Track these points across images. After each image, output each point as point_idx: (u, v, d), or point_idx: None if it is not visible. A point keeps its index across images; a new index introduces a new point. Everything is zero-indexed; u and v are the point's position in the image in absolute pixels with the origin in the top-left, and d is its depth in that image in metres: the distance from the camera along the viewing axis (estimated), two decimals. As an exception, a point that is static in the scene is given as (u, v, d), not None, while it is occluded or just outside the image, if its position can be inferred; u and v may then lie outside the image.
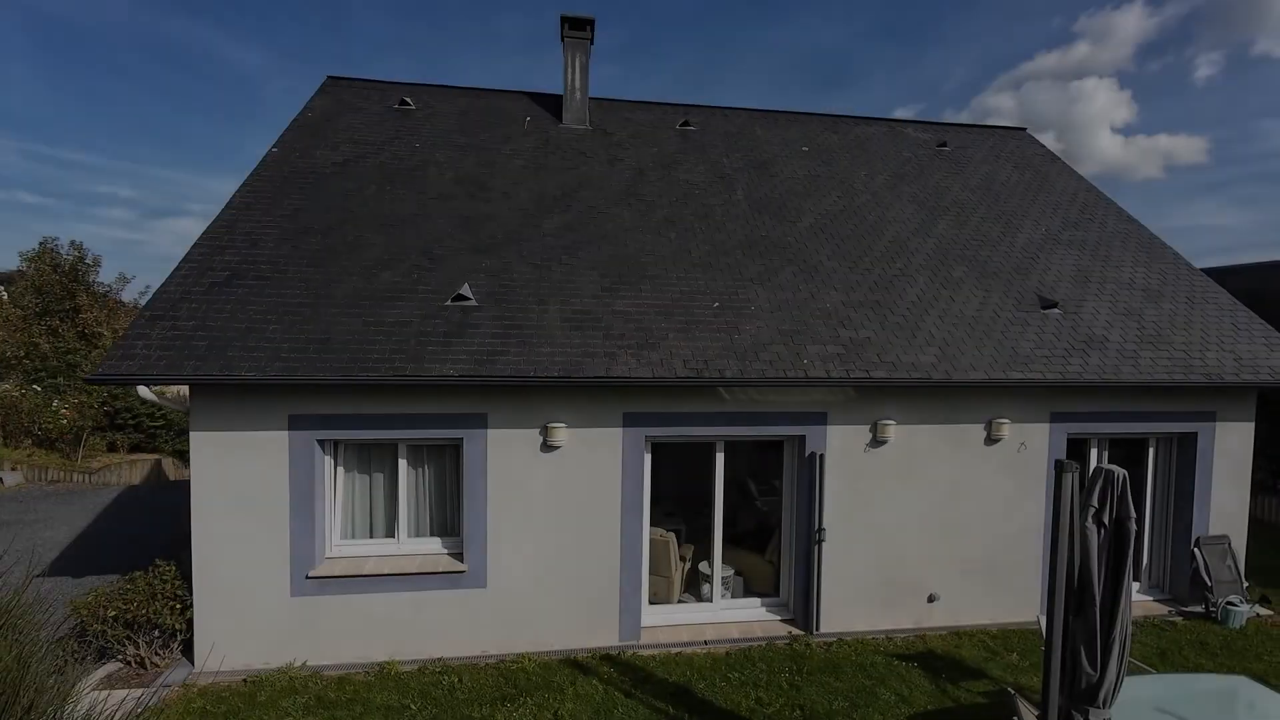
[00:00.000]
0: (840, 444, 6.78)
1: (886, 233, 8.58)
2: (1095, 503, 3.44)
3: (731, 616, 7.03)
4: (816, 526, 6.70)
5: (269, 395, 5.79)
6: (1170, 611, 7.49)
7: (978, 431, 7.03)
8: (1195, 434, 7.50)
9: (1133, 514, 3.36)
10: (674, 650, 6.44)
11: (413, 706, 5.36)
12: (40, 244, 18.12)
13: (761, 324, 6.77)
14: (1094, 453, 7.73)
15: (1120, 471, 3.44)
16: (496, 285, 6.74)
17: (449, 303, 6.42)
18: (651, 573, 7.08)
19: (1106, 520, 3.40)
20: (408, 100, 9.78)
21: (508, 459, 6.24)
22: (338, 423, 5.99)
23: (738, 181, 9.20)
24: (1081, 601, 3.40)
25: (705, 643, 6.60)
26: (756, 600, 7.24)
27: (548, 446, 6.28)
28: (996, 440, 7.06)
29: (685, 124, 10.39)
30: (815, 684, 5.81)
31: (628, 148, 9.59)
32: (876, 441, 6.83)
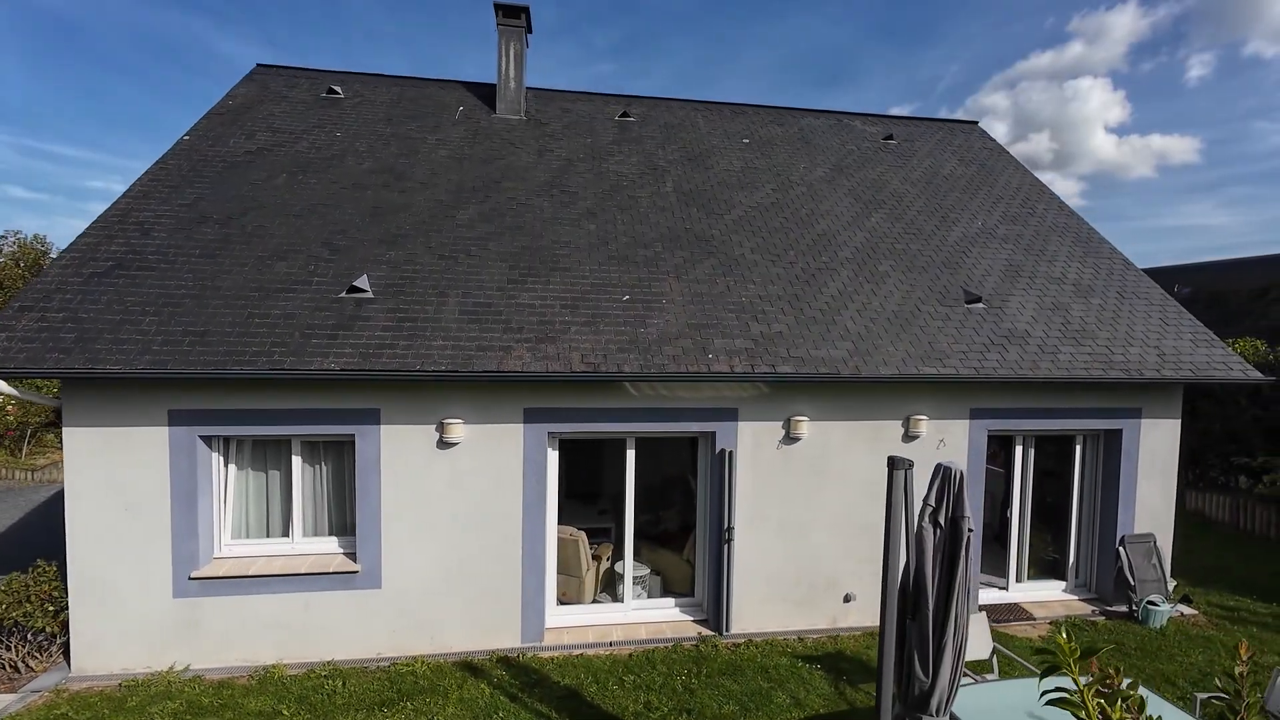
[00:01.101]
0: (752, 441, 6.62)
1: (817, 226, 8.42)
2: (933, 501, 3.28)
3: (643, 617, 6.87)
4: (726, 525, 6.54)
5: (146, 390, 5.58)
6: (1094, 611, 7.38)
7: (895, 428, 6.88)
8: (1120, 431, 7.38)
9: (967, 513, 3.20)
10: (576, 652, 6.28)
11: (286, 712, 5.17)
12: (0, 236, 17.98)
13: (671, 317, 6.60)
14: (1019, 450, 7.61)
15: (957, 468, 3.29)
16: (397, 277, 6.54)
17: (343, 295, 6.21)
18: (561, 572, 6.91)
19: (942, 520, 3.24)
20: (336, 89, 9.54)
21: (403, 456, 6.05)
22: (223, 419, 5.78)
23: (670, 173, 9.01)
24: (917, 604, 3.25)
25: (610, 644, 6.44)
26: (671, 601, 7.08)
27: (444, 443, 6.09)
28: (915, 437, 6.92)
29: (624, 115, 10.19)
30: (711, 687, 5.66)
31: (560, 138, 9.39)
32: (790, 438, 6.68)
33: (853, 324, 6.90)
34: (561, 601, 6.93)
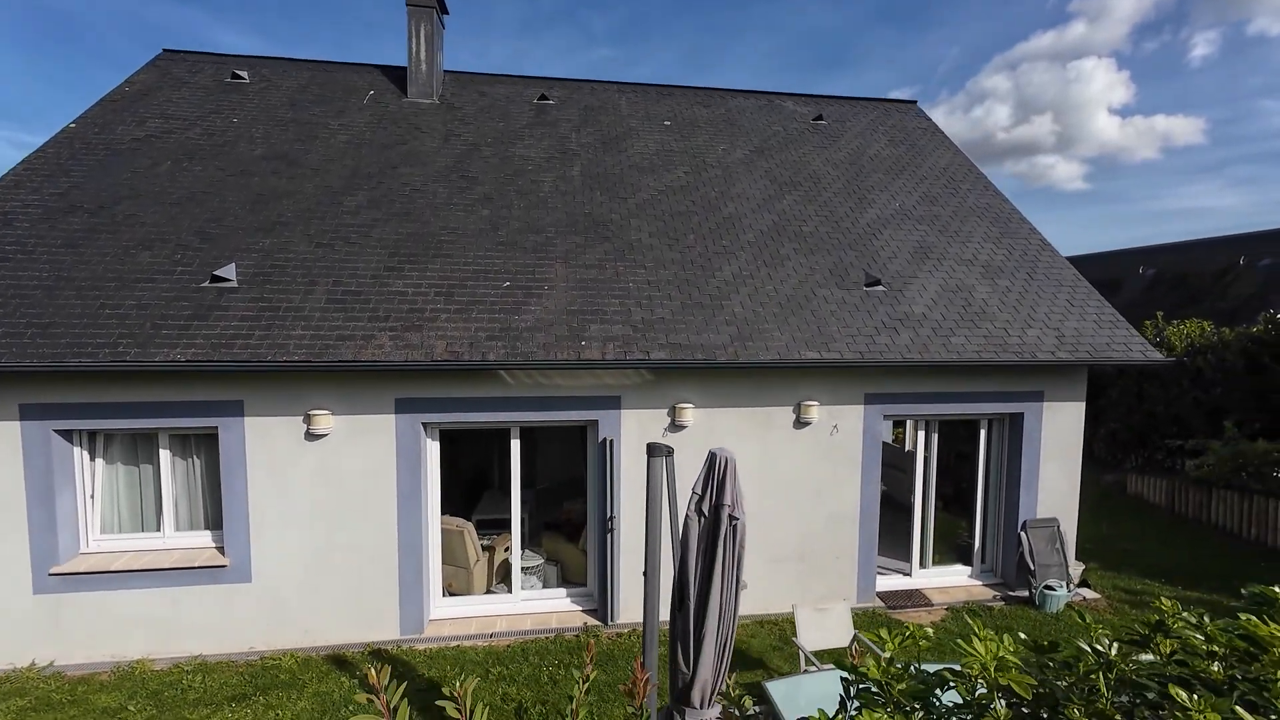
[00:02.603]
0: (636, 428, 6.50)
1: (725, 209, 8.24)
2: (699, 490, 3.16)
3: (531, 608, 6.80)
4: (609, 514, 6.45)
5: (-7, 384, 5.46)
6: (995, 596, 7.31)
7: (786, 414, 6.76)
8: (1022, 415, 7.26)
9: (729, 501, 3.08)
10: (454, 644, 6.21)
11: (131, 708, 5.11)
12: None
13: (550, 304, 6.45)
14: (921, 435, 7.50)
15: (725, 455, 3.17)
16: (268, 265, 6.39)
17: (205, 284, 6.06)
18: (448, 564, 6.83)
19: (706, 509, 3.13)
20: (241, 74, 9.30)
21: (270, 448, 5.94)
22: (80, 412, 5.66)
23: (580, 157, 8.81)
24: (681, 595, 3.15)
25: (491, 636, 6.37)
26: (564, 591, 7.01)
27: (312, 435, 5.97)
28: (806, 423, 6.80)
29: (543, 98, 9.96)
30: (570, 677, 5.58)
31: (470, 122, 9.17)
32: (675, 426, 6.56)
33: (741, 309, 6.75)
34: (451, 593, 6.87)
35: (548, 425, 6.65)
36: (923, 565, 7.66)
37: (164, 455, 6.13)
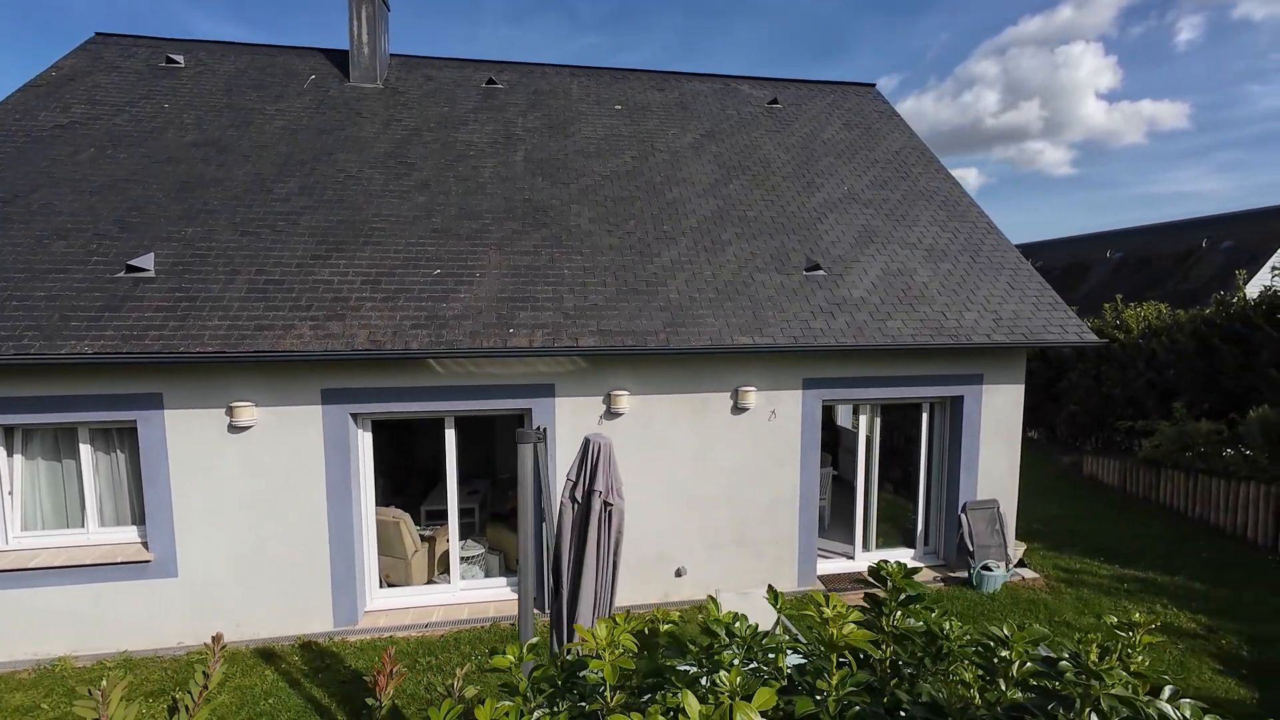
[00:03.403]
0: (571, 417, 6.45)
1: (669, 194, 8.15)
2: (572, 475, 3.12)
3: (470, 597, 6.78)
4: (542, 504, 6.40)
5: (-104, 379, 5.30)
6: (936, 578, 7.37)
7: (723, 400, 6.74)
8: (962, 398, 7.29)
9: (601, 487, 3.04)
10: (388, 635, 6.18)
11: (45, 705, 5.04)
12: None
13: (481, 291, 6.36)
14: (864, 419, 7.52)
15: (600, 440, 3.12)
16: (188, 255, 6.24)
17: (121, 274, 5.91)
18: (385, 554, 6.78)
19: (579, 495, 3.08)
20: (176, 58, 9.04)
21: (191, 441, 5.83)
22: (-9, 407, 5.52)
23: (525, 142, 8.66)
24: (556, 582, 3.11)
25: (427, 626, 6.34)
26: (504, 580, 6.98)
27: (235, 427, 5.87)
28: (744, 409, 6.78)
29: (490, 82, 9.77)
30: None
31: (414, 107, 8.99)
32: (611, 413, 6.51)
33: (676, 295, 6.69)
34: (389, 584, 6.82)
35: (482, 414, 6.57)
36: (866, 548, 7.71)
37: (85, 450, 6.00)
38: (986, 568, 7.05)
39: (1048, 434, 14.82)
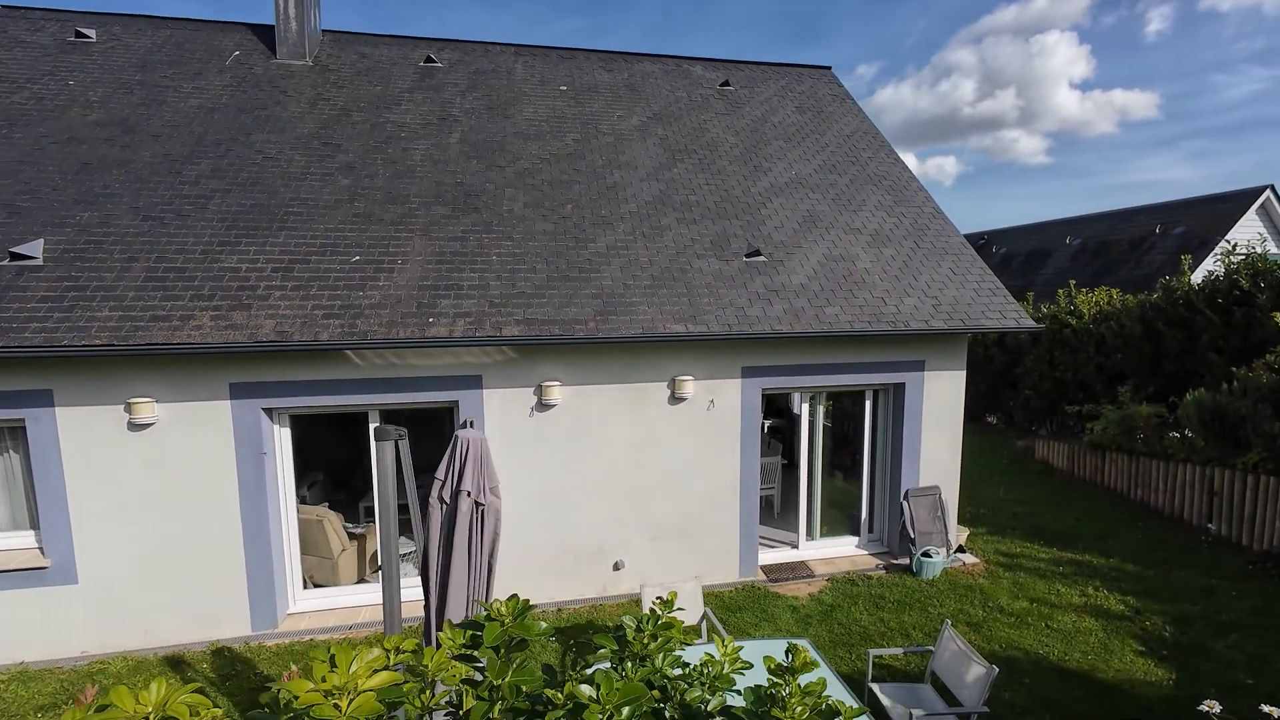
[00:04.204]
0: (500, 409, 6.22)
1: (610, 178, 7.89)
2: (440, 475, 2.91)
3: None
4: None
5: None
6: (878, 565, 7.34)
7: (660, 390, 6.57)
8: (904, 385, 7.22)
9: (469, 487, 2.84)
10: (308, 638, 5.93)
11: (-80, 726, 4.72)
12: None
13: (402, 279, 6.07)
14: (806, 407, 7.42)
15: (469, 437, 2.91)
16: (83, 241, 5.83)
17: (4, 262, 5.49)
18: (309, 554, 6.51)
19: (447, 494, 2.88)
20: (87, 32, 8.47)
21: (89, 440, 5.47)
22: None
23: (461, 123, 8.32)
24: (426, 583, 2.91)
25: (351, 627, 6.11)
26: (436, 577, 6.77)
27: (135, 425, 5.52)
28: (682, 399, 6.61)
29: (429, 60, 9.37)
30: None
31: (344, 86, 8.57)
32: (542, 405, 6.30)
33: (610, 281, 6.47)
34: (315, 584, 6.56)
35: (408, 408, 6.30)
36: (810, 537, 7.66)
37: (-29, 451, 5.62)
38: (927, 554, 7.04)
39: (1006, 419, 15.00)
